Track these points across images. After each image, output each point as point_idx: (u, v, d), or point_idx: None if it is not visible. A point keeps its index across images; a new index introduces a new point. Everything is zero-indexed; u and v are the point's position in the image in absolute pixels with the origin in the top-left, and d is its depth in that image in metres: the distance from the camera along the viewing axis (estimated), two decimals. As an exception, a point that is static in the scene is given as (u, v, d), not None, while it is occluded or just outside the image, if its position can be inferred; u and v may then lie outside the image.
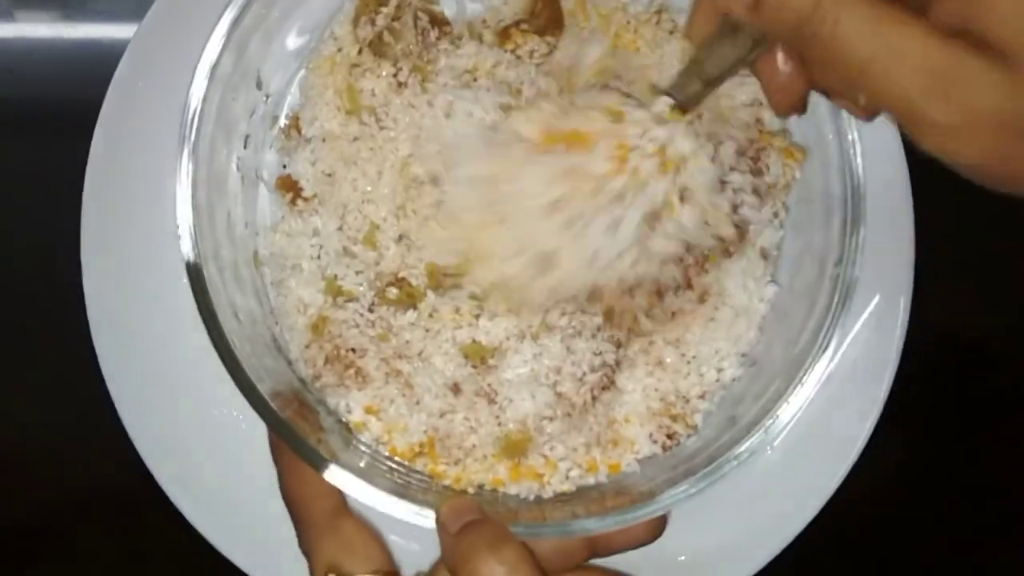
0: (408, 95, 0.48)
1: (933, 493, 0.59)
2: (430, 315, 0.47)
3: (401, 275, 0.48)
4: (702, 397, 0.48)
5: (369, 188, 0.48)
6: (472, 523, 0.41)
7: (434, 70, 0.49)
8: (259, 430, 0.43)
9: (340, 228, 0.48)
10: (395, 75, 0.48)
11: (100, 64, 0.51)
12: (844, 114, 0.45)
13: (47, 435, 0.56)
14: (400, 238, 0.48)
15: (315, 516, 0.43)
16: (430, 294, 0.47)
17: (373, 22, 0.48)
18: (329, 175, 0.48)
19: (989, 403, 0.59)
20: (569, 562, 0.42)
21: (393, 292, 0.47)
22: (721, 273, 0.48)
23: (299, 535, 0.43)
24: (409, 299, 0.47)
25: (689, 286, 0.48)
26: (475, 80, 0.48)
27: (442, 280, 0.47)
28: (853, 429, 0.51)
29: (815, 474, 0.51)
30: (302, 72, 0.50)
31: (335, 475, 0.42)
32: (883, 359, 0.51)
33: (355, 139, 0.48)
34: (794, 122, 0.49)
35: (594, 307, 0.47)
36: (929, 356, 0.54)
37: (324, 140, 0.48)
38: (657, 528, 0.43)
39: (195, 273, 0.43)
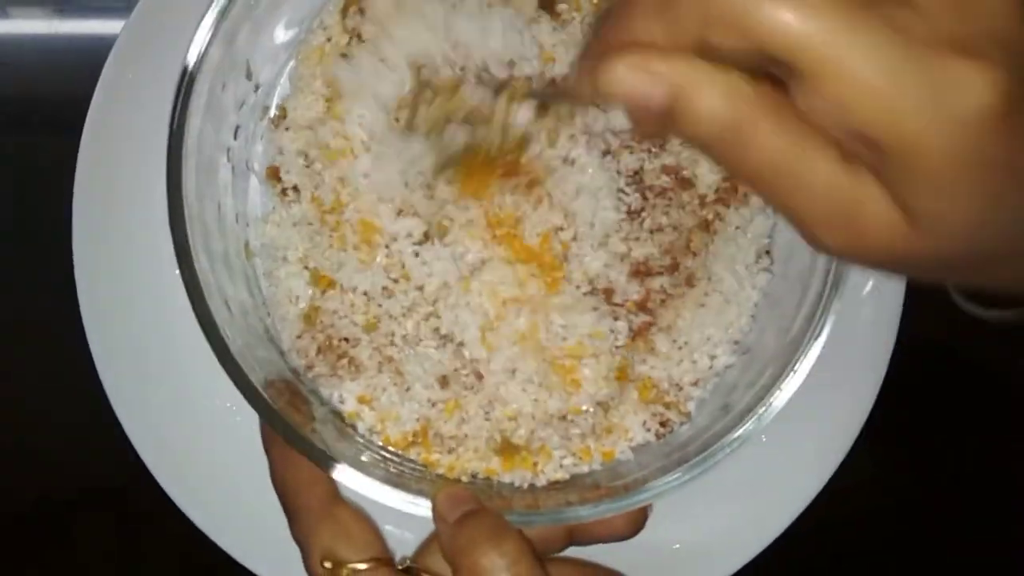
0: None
1: (930, 480, 0.59)
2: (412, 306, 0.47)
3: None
4: (695, 384, 0.48)
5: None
6: (470, 513, 0.41)
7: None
8: (252, 421, 0.43)
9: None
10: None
11: (91, 58, 0.51)
12: None
13: (42, 427, 0.56)
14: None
15: (309, 504, 0.43)
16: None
17: (362, 11, 0.48)
18: (310, 165, 0.48)
19: (987, 388, 0.59)
20: (549, 549, 0.42)
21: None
22: (709, 258, 0.48)
23: (292, 524, 0.43)
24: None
25: (675, 268, 0.48)
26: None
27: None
28: (849, 415, 0.51)
29: (811, 461, 0.51)
30: (292, 63, 0.50)
31: (329, 465, 0.42)
32: (878, 345, 0.51)
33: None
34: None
35: None
36: (925, 341, 0.53)
37: (310, 128, 0.48)
38: (637, 523, 0.43)
39: (186, 265, 0.43)
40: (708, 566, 0.51)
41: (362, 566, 0.42)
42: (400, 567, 0.42)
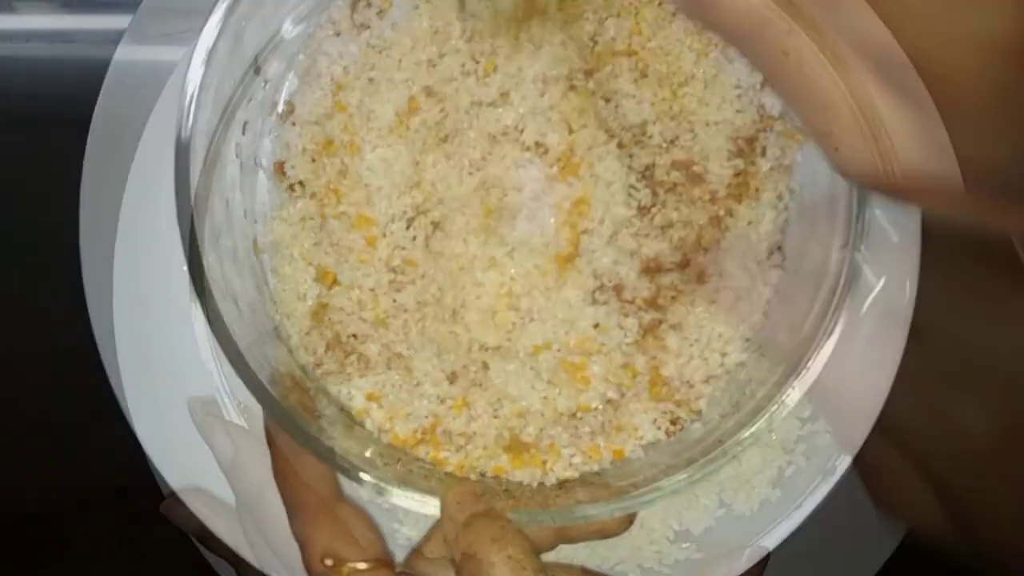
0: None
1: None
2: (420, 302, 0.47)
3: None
4: (706, 382, 0.48)
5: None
6: (478, 515, 0.41)
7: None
8: (259, 419, 0.43)
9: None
10: (392, 57, 0.48)
11: (98, 53, 0.51)
12: None
13: (42, 427, 0.56)
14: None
15: (311, 501, 0.43)
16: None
17: (370, 5, 0.48)
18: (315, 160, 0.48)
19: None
20: (541, 548, 0.42)
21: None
22: (720, 254, 0.48)
23: (293, 521, 0.43)
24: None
25: (686, 264, 0.47)
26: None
27: None
28: (862, 411, 0.50)
29: (821, 461, 0.51)
30: (300, 57, 0.50)
31: (337, 463, 0.42)
32: (889, 342, 0.50)
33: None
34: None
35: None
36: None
37: (317, 123, 0.48)
38: (626, 519, 0.43)
39: (194, 261, 0.42)
40: (713, 568, 0.51)
41: (363, 566, 0.42)
42: (399, 569, 0.42)
